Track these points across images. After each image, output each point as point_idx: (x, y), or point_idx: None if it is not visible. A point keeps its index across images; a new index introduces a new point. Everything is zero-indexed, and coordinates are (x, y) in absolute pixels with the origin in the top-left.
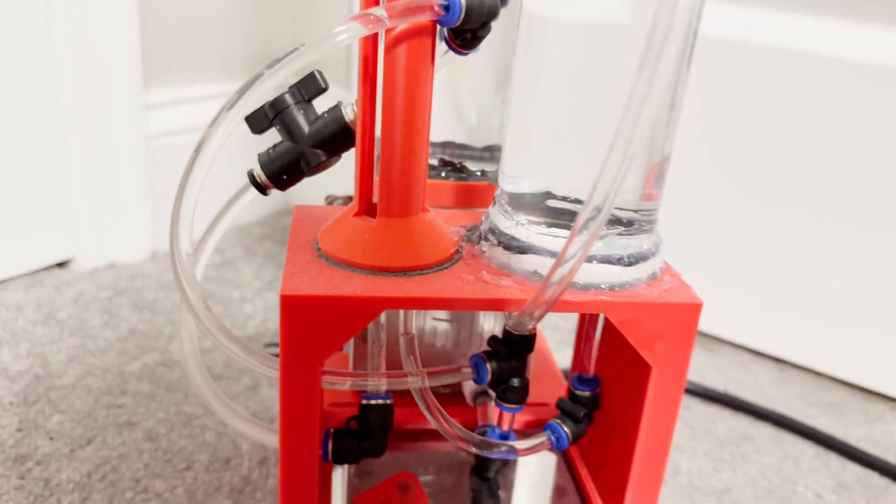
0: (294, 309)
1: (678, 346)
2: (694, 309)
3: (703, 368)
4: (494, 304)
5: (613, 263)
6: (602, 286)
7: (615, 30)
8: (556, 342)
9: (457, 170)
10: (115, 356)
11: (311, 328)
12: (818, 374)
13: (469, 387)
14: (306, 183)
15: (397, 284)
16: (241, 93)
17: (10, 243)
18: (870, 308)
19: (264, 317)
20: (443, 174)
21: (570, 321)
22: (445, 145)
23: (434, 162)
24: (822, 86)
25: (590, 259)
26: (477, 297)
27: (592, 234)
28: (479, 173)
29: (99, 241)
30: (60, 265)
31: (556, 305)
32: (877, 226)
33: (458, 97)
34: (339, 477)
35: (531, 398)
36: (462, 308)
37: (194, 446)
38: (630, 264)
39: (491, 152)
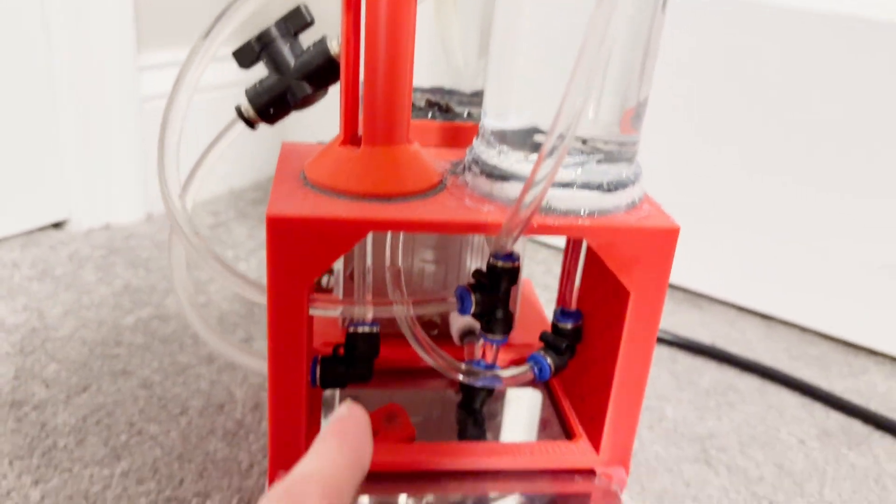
0: (280, 230)
1: (656, 271)
2: (671, 234)
3: (691, 325)
4: (475, 227)
5: (593, 189)
6: (582, 212)
7: None
8: (547, 300)
9: (443, 111)
10: (109, 310)
11: (296, 249)
12: (804, 330)
13: (456, 327)
14: (298, 132)
15: (381, 208)
16: (218, 18)
17: (3, 203)
18: (855, 265)
19: (258, 274)
20: (429, 115)
21: None
22: (434, 91)
23: (420, 104)
24: (811, 44)
25: (570, 185)
26: (459, 220)
27: (561, 153)
28: (465, 115)
29: (93, 203)
30: (55, 226)
31: (538, 229)
32: (861, 185)
33: (446, 40)
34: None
35: (518, 339)
36: (444, 231)
37: (188, 393)
38: (609, 191)
39: (479, 97)
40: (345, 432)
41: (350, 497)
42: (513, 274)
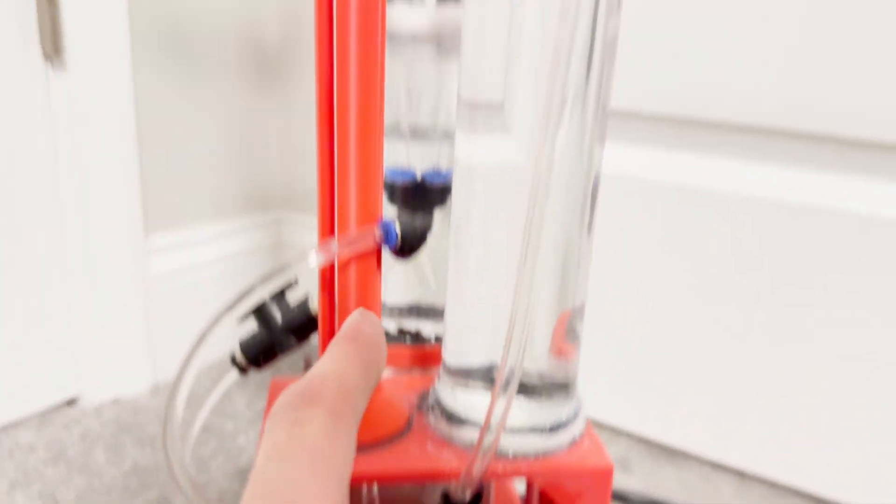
0: None
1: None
2: (605, 473)
3: (667, 482)
4: (435, 476)
5: (537, 433)
6: (529, 454)
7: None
8: None
9: (414, 338)
10: (119, 494)
11: None
12: (775, 485)
13: None
14: None
15: None
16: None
17: (20, 383)
18: (828, 420)
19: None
20: (402, 340)
21: None
22: (411, 309)
23: (393, 332)
24: (754, 227)
25: (519, 430)
26: (418, 471)
27: (509, 397)
28: (433, 340)
29: (103, 379)
30: (69, 403)
31: (488, 474)
32: (831, 341)
33: (419, 263)
34: None
35: None
36: (404, 482)
37: None
38: (552, 431)
39: None
40: (358, 336)
41: (365, 398)
42: (475, 500)
